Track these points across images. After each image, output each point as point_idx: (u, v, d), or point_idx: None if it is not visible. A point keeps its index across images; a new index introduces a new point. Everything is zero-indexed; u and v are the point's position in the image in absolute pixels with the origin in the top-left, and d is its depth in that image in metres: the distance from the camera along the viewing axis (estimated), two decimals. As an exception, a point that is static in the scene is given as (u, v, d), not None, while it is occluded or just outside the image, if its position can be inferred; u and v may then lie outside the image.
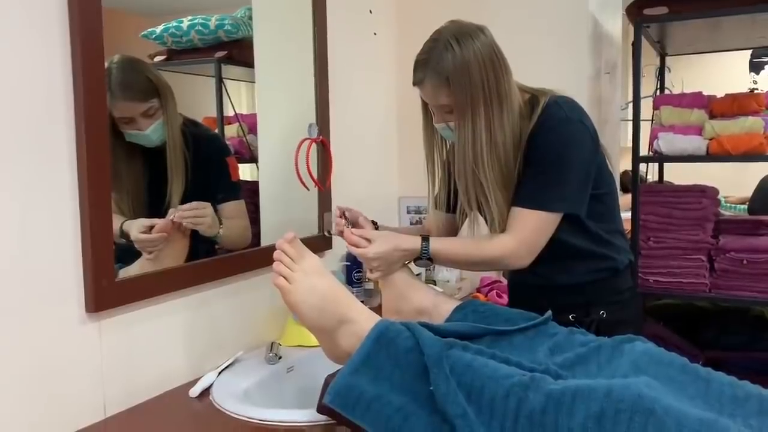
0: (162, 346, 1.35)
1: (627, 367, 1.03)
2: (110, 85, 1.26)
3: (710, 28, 2.63)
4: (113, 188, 1.21)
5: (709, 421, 0.85)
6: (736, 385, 0.98)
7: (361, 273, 1.97)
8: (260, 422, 1.19)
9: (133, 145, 1.38)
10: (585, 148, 1.37)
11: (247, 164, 1.73)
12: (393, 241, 1.36)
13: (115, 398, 1.24)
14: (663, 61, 3.22)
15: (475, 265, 1.49)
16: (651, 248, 2.44)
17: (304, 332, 1.53)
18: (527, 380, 0.93)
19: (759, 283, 2.29)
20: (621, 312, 1.48)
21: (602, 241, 1.46)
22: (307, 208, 1.84)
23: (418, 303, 1.37)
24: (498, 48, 1.36)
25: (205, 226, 1.47)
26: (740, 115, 2.34)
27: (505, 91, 1.34)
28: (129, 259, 1.33)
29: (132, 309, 1.27)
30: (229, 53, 1.64)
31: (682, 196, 2.44)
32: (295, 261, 1.21)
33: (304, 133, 1.69)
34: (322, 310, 1.17)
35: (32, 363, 1.09)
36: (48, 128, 1.11)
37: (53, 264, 1.12)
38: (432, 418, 0.95)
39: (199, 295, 1.44)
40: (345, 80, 2.04)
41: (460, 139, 1.36)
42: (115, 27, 1.24)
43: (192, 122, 1.53)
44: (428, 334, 1.03)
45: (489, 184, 1.35)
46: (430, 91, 1.37)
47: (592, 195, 1.40)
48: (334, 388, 1.01)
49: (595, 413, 0.86)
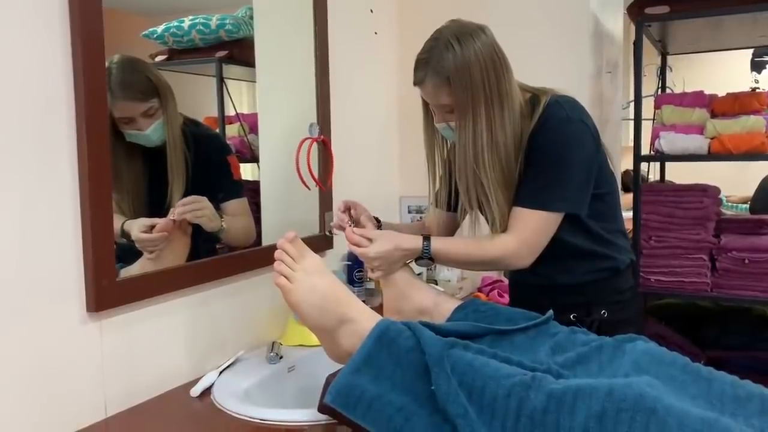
0: (163, 346, 1.35)
1: (628, 366, 1.03)
2: (110, 85, 1.25)
3: (712, 27, 2.63)
4: (114, 188, 1.21)
5: (710, 420, 0.85)
6: (737, 385, 0.98)
7: (363, 272, 1.97)
8: (261, 422, 1.19)
9: (134, 145, 1.38)
10: (586, 148, 1.37)
11: (248, 164, 1.73)
12: (394, 241, 1.36)
13: (116, 398, 1.24)
14: (664, 61, 3.21)
15: (476, 264, 1.49)
16: (652, 248, 2.44)
17: (305, 332, 1.53)
18: (528, 380, 0.93)
19: (760, 283, 2.29)
20: (622, 312, 1.48)
21: (603, 241, 1.45)
22: (308, 208, 1.84)
23: (419, 302, 1.37)
24: (499, 47, 1.36)
25: (206, 219, 1.46)
26: (742, 114, 2.34)
27: (506, 91, 1.34)
28: (130, 258, 1.33)
29: (133, 309, 1.27)
30: (230, 53, 1.64)
31: (683, 195, 2.43)
32: (296, 260, 1.21)
33: (305, 133, 1.69)
34: (323, 310, 1.17)
35: (33, 362, 1.09)
36: (49, 128, 1.11)
37: (54, 264, 1.12)
38: (433, 418, 0.95)
39: (200, 295, 1.44)
40: (346, 79, 2.04)
41: (461, 138, 1.36)
42: (116, 27, 1.24)
43: (192, 122, 1.53)
44: (429, 334, 1.03)
45: (490, 183, 1.35)
46: (430, 90, 1.37)
47: (594, 194, 1.40)
48: (335, 387, 1.01)
49: (596, 413, 0.86)
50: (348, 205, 1.51)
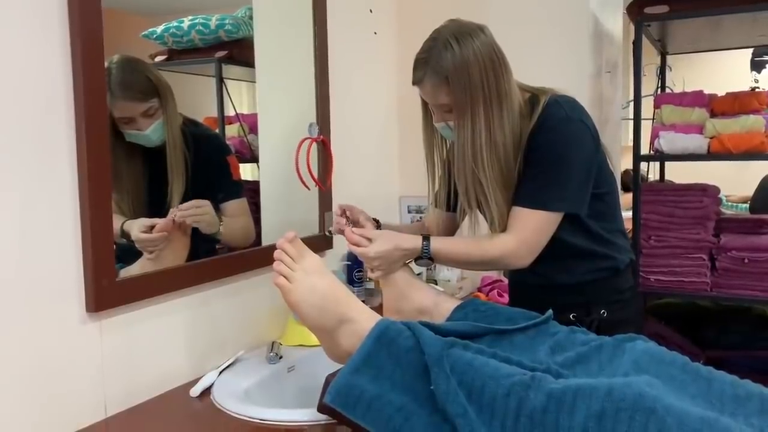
0: (163, 346, 1.35)
1: (628, 366, 1.03)
2: (110, 85, 1.26)
3: (711, 27, 2.63)
4: (113, 188, 1.21)
5: (710, 420, 0.85)
6: (737, 384, 0.98)
7: (362, 272, 1.97)
8: (261, 422, 1.19)
9: (133, 145, 1.38)
10: (585, 148, 1.37)
11: (248, 164, 1.73)
12: (393, 241, 1.36)
13: (116, 398, 1.24)
14: (664, 60, 3.22)
15: (475, 264, 1.49)
16: (652, 247, 2.44)
17: (305, 332, 1.53)
18: (528, 379, 0.93)
19: (760, 282, 2.29)
20: (622, 311, 1.48)
21: (603, 241, 1.45)
22: (307, 208, 1.84)
23: (419, 302, 1.37)
24: (498, 47, 1.36)
25: (205, 224, 1.47)
26: (741, 114, 2.35)
27: (505, 91, 1.34)
28: (130, 259, 1.33)
29: (133, 309, 1.27)
30: (229, 53, 1.64)
31: (683, 195, 2.44)
32: (295, 260, 1.21)
33: (304, 133, 1.69)
34: (323, 310, 1.16)
35: (33, 362, 1.09)
36: (49, 128, 1.11)
37: (54, 264, 1.12)
38: (433, 418, 0.95)
39: (199, 295, 1.44)
40: (345, 79, 2.04)
41: (460, 138, 1.36)
42: (115, 27, 1.24)
43: (192, 122, 1.53)
44: (429, 334, 1.03)
45: (488, 183, 1.35)
46: (429, 90, 1.37)
47: (593, 194, 1.40)
48: (335, 387, 1.01)
49: (596, 412, 0.86)
50: (343, 208, 1.51)
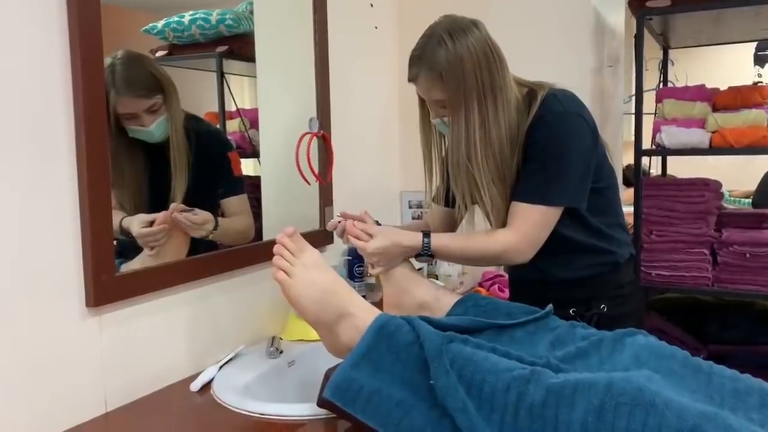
0: (163, 341, 1.35)
1: (628, 360, 1.03)
2: (114, 81, 1.26)
3: (713, 21, 2.62)
4: (115, 184, 1.21)
5: (709, 414, 0.84)
6: (737, 379, 0.98)
7: (363, 267, 1.97)
8: (261, 416, 1.19)
9: (135, 141, 1.38)
10: (584, 141, 1.36)
11: (249, 159, 1.73)
12: (394, 237, 1.36)
13: (116, 393, 1.24)
14: (666, 54, 3.21)
15: (476, 260, 1.49)
16: (653, 242, 2.43)
17: (305, 326, 1.53)
18: (528, 374, 0.93)
19: (762, 277, 2.29)
20: (622, 306, 1.48)
21: (603, 235, 1.45)
22: (308, 203, 1.84)
23: (420, 297, 1.37)
24: (492, 42, 1.35)
25: (195, 234, 1.45)
26: (743, 108, 2.34)
27: (500, 86, 1.33)
28: (130, 255, 1.34)
29: (132, 303, 1.27)
30: (230, 48, 1.64)
31: (684, 189, 2.43)
32: (295, 255, 1.21)
33: (305, 128, 1.69)
34: (322, 304, 1.17)
35: (33, 357, 1.10)
36: (48, 124, 1.11)
37: (53, 259, 1.12)
38: (432, 412, 0.95)
39: (200, 290, 1.44)
40: (346, 74, 2.04)
41: (454, 134, 1.35)
42: (116, 22, 1.23)
43: (193, 117, 1.53)
44: (428, 328, 1.03)
45: (482, 178, 1.34)
46: (424, 86, 1.37)
47: (593, 189, 1.40)
48: (335, 381, 1.02)
49: (595, 407, 0.86)
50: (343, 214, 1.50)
